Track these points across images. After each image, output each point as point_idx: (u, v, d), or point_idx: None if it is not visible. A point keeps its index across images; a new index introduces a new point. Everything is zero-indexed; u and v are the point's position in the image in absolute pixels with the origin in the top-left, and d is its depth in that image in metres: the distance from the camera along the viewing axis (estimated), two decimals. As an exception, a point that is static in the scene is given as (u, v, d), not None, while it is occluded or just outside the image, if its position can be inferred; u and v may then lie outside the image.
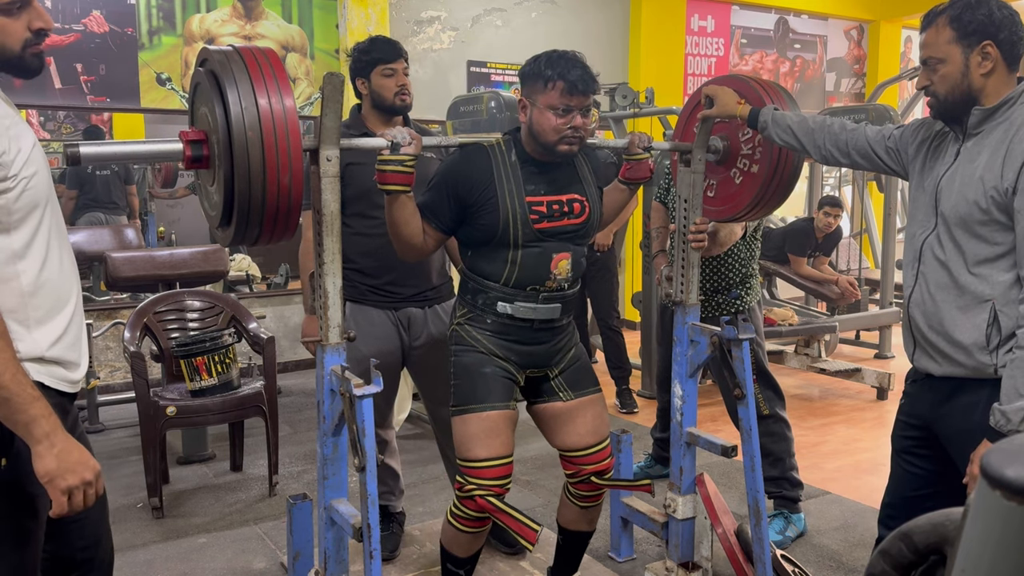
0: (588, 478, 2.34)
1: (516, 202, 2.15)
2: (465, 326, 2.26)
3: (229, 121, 1.64)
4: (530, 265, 2.18)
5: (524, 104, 2.17)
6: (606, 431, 2.38)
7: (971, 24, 1.80)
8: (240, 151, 1.63)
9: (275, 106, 1.65)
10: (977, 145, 1.83)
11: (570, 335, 2.36)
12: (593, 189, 2.31)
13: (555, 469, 3.87)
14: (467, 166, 2.17)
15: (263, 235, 1.75)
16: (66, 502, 1.46)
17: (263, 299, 5.73)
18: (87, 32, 5.14)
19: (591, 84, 2.11)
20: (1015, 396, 1.70)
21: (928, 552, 1.08)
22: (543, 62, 2.12)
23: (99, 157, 1.78)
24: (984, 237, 1.79)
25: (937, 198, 1.89)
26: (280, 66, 1.72)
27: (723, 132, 2.55)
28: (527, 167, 2.20)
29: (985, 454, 0.67)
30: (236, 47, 1.73)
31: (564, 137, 2.13)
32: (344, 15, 5.72)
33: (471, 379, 2.20)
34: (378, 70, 2.73)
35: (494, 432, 2.17)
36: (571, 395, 2.32)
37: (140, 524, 3.30)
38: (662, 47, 7.20)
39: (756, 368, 2.94)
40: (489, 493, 2.15)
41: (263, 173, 1.66)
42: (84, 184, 5.95)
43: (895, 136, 2.09)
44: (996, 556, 0.65)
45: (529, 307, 2.19)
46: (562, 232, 2.21)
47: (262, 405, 3.50)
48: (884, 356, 6.10)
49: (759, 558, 2.47)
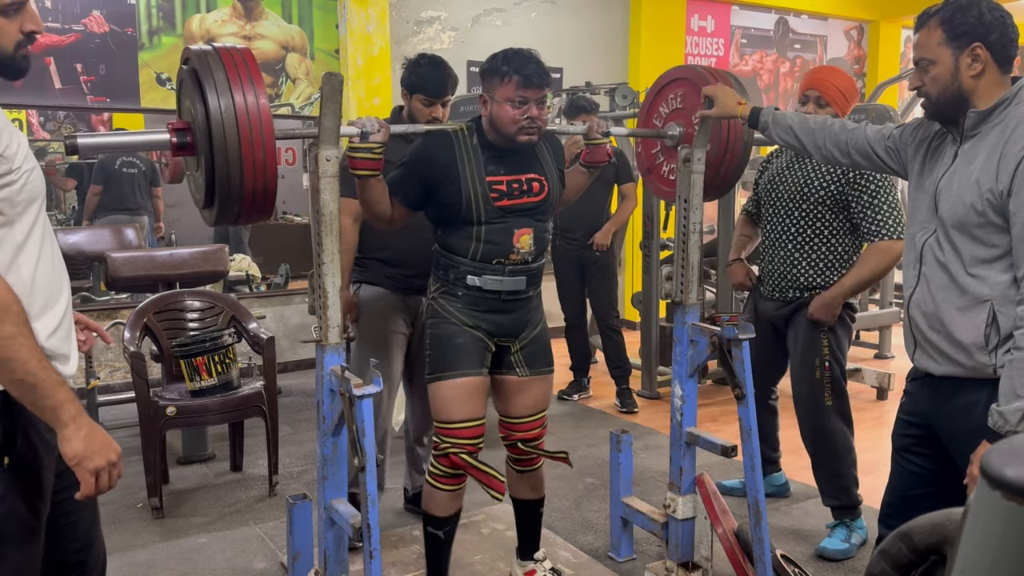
0: (516, 443, 2.54)
1: (477, 181, 2.33)
2: (439, 300, 2.44)
3: (208, 112, 1.81)
4: (494, 240, 2.35)
5: (485, 99, 2.35)
6: (544, 406, 2.57)
7: (961, 26, 1.80)
8: (218, 138, 1.81)
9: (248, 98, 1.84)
10: (974, 147, 1.84)
11: (536, 309, 2.53)
12: (552, 170, 2.48)
13: (555, 469, 3.87)
14: (432, 148, 2.36)
15: (243, 213, 1.91)
16: (94, 483, 1.51)
17: (263, 299, 5.73)
18: (87, 32, 5.14)
19: (545, 77, 2.29)
20: (1013, 397, 1.70)
21: (928, 552, 1.08)
22: (499, 59, 2.31)
23: (96, 147, 1.93)
24: (981, 239, 1.80)
25: (936, 200, 1.89)
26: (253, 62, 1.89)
27: (680, 119, 2.66)
28: (488, 151, 2.38)
29: (985, 454, 0.67)
30: (215, 46, 1.88)
31: (522, 127, 2.30)
32: (344, 15, 5.71)
33: (445, 348, 2.38)
34: (417, 96, 2.89)
35: (468, 396, 2.37)
36: (526, 371, 2.50)
37: (140, 524, 3.30)
38: (662, 47, 7.20)
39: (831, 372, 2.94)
40: (463, 451, 2.36)
41: (239, 158, 1.83)
42: (109, 181, 5.94)
43: (895, 136, 2.09)
44: (996, 556, 0.65)
45: (496, 279, 2.37)
46: (522, 209, 2.39)
47: (262, 405, 3.49)
48: (884, 356, 6.10)
49: (759, 558, 2.47)
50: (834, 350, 2.94)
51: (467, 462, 2.36)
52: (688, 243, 2.62)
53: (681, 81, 2.68)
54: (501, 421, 2.57)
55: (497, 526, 3.16)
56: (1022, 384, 1.69)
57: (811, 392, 2.97)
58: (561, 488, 3.66)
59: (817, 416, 2.98)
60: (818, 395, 2.95)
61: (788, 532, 3.19)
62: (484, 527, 3.21)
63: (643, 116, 2.84)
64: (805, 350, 2.95)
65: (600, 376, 5.29)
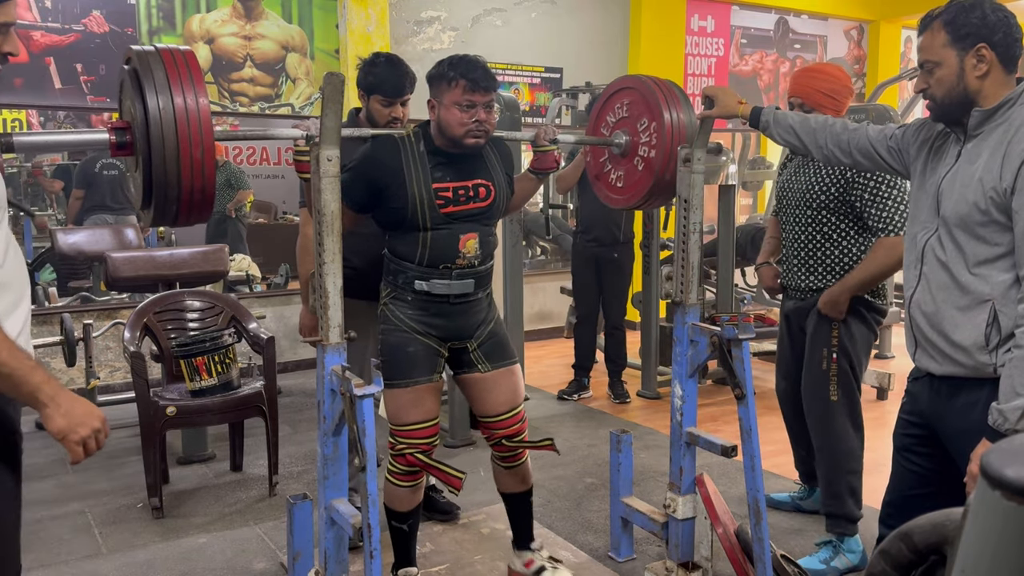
0: (500, 441, 2.58)
1: (423, 188, 2.37)
2: (389, 305, 2.49)
3: (147, 110, 1.81)
4: (439, 245, 2.39)
5: (433, 104, 2.39)
6: (518, 400, 2.59)
7: (965, 27, 1.81)
8: (156, 137, 1.81)
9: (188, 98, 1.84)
10: (977, 146, 1.84)
11: (487, 309, 2.58)
12: (500, 176, 2.53)
13: (555, 469, 3.87)
14: (378, 153, 2.40)
15: (180, 214, 1.91)
16: (82, 451, 1.60)
17: (263, 299, 5.73)
18: (87, 32, 5.14)
19: (491, 81, 2.34)
20: (1012, 395, 1.70)
21: (928, 552, 1.08)
22: (446, 64, 2.35)
23: (33, 146, 1.97)
24: (984, 238, 1.80)
25: (939, 199, 1.89)
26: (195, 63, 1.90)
27: (625, 127, 2.71)
28: (435, 157, 2.42)
29: (985, 454, 0.67)
30: (157, 47, 1.88)
31: (469, 131, 2.35)
32: (344, 15, 5.71)
33: (396, 357, 2.45)
34: (376, 97, 2.84)
35: (420, 401, 2.44)
36: (489, 367, 2.54)
37: (140, 524, 3.30)
38: (662, 47, 7.20)
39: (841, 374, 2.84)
40: (417, 450, 2.44)
41: (177, 157, 1.83)
42: (91, 184, 5.95)
43: (897, 136, 2.09)
44: (996, 556, 0.65)
45: (444, 283, 2.42)
46: (468, 215, 2.43)
47: (262, 405, 3.49)
48: (884, 356, 6.10)
49: (759, 558, 2.47)
50: (844, 343, 2.83)
51: (423, 461, 2.43)
52: (688, 243, 2.62)
53: (627, 91, 2.73)
54: (481, 422, 2.61)
55: (497, 526, 3.16)
56: (1022, 382, 1.69)
57: (816, 383, 2.88)
58: (561, 488, 3.66)
59: (820, 409, 2.88)
60: (822, 387, 2.86)
61: (788, 532, 3.19)
62: (484, 527, 3.21)
63: (591, 125, 2.86)
64: (814, 339, 2.89)
65: (600, 376, 5.29)
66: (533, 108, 6.77)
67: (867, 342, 2.91)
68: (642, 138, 2.66)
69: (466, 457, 4.02)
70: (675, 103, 2.59)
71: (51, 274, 5.64)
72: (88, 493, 3.62)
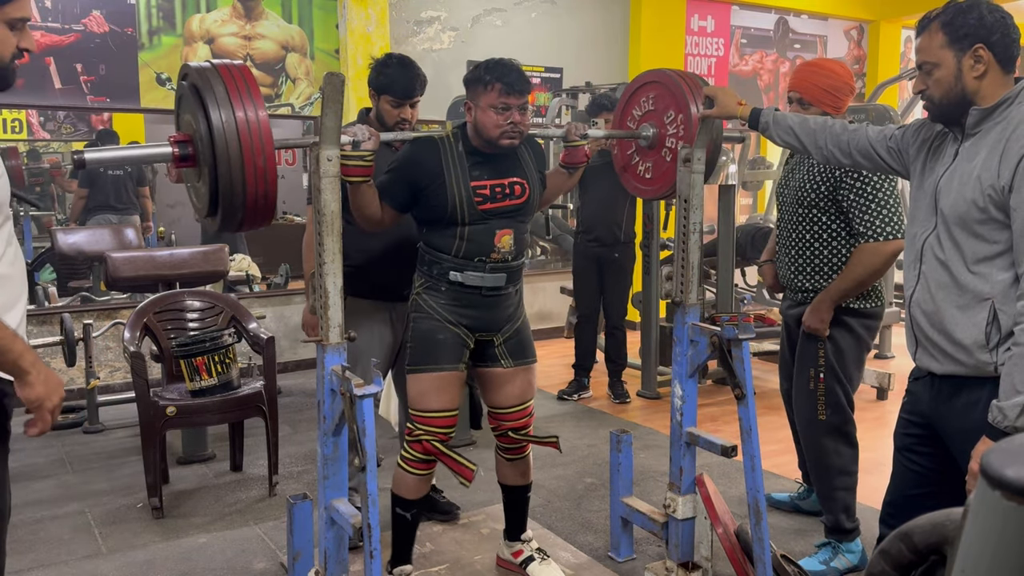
0: (506, 432, 2.68)
1: (462, 186, 2.46)
2: (423, 295, 2.56)
3: (210, 124, 1.89)
4: (476, 240, 2.48)
5: (469, 106, 2.48)
6: (530, 395, 2.70)
7: (962, 28, 1.81)
8: (221, 148, 1.88)
9: (249, 110, 1.92)
10: (975, 145, 1.84)
11: (517, 305, 2.66)
12: (534, 173, 2.62)
13: (555, 469, 3.87)
14: (419, 154, 2.48)
15: (246, 220, 1.98)
16: (50, 420, 1.68)
17: (263, 299, 5.73)
18: (87, 32, 5.14)
19: (526, 85, 2.42)
20: (1012, 392, 1.70)
21: (928, 552, 1.08)
22: (483, 68, 2.43)
23: (103, 161, 2.02)
24: (983, 236, 1.80)
25: (937, 198, 1.89)
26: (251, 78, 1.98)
27: (652, 120, 2.75)
28: (472, 156, 2.50)
29: (985, 454, 0.67)
30: (214, 63, 1.97)
31: (504, 132, 2.42)
32: (344, 15, 5.71)
33: (425, 343, 2.51)
34: (385, 98, 2.86)
35: (444, 389, 2.50)
36: (511, 363, 2.63)
37: (140, 524, 3.30)
38: (662, 47, 7.19)
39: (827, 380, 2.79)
40: (435, 439, 2.48)
41: (242, 167, 1.90)
42: (94, 184, 5.96)
43: (896, 136, 2.09)
44: (996, 556, 0.65)
45: (477, 276, 2.49)
46: (504, 211, 2.52)
47: (262, 405, 3.49)
48: (884, 356, 6.10)
49: (759, 558, 2.47)
50: (831, 361, 2.77)
51: (439, 449, 2.48)
52: (688, 243, 2.62)
53: (652, 84, 2.76)
54: (491, 412, 2.71)
55: (497, 526, 3.15)
56: (1022, 380, 1.69)
57: (804, 402, 2.85)
58: (561, 488, 3.66)
59: (810, 429, 2.85)
60: (810, 407, 2.82)
61: (788, 532, 3.19)
62: (484, 527, 3.21)
63: (617, 118, 2.91)
64: (801, 357, 2.85)
65: (600, 376, 5.29)
66: (533, 108, 6.77)
67: (857, 354, 2.83)
68: (669, 130, 2.70)
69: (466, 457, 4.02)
70: (700, 95, 2.60)
71: (51, 274, 5.64)
72: (88, 493, 3.62)
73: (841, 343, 2.78)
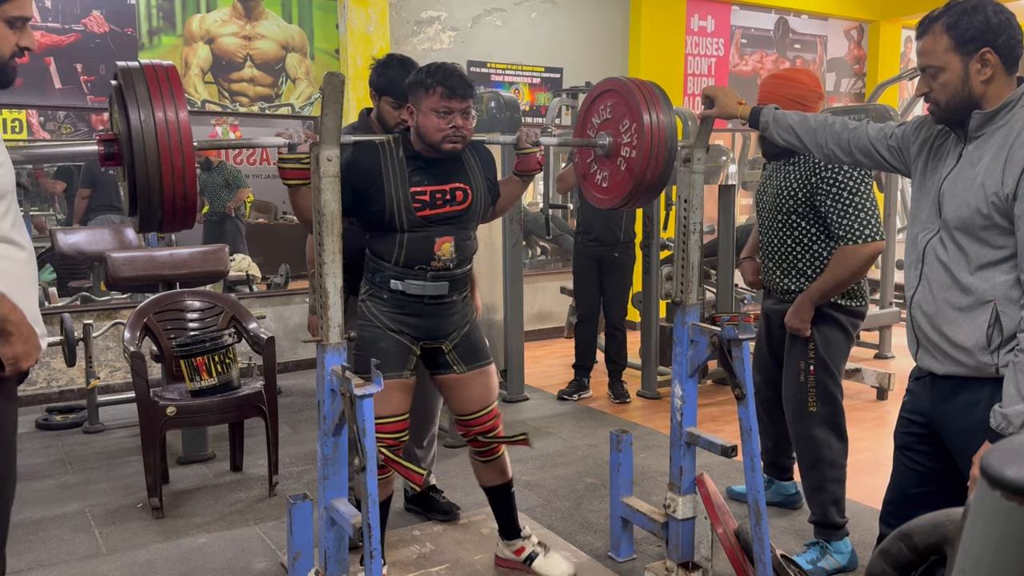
0: (475, 437, 2.70)
1: (401, 192, 2.45)
2: (367, 302, 2.57)
3: (129, 124, 1.90)
4: (415, 247, 2.47)
5: (411, 110, 2.45)
6: (492, 398, 2.70)
7: (968, 31, 1.78)
8: (139, 148, 1.90)
9: (169, 114, 1.92)
10: (979, 149, 1.82)
11: (463, 312, 2.64)
12: (479, 180, 2.60)
13: (555, 469, 3.87)
14: (359, 158, 2.47)
15: (165, 220, 2.00)
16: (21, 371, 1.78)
17: (263, 299, 5.73)
18: (87, 32, 5.14)
19: (468, 89, 2.40)
20: (1017, 399, 1.70)
21: (928, 552, 1.08)
22: (424, 72, 2.41)
23: (31, 158, 2.07)
24: (986, 241, 1.79)
25: (940, 201, 1.88)
26: (176, 78, 1.98)
27: (609, 129, 2.72)
28: (413, 161, 2.48)
29: (985, 454, 0.67)
30: (141, 62, 1.97)
31: (447, 136, 2.40)
32: (344, 15, 5.71)
33: (368, 352, 2.49)
34: (386, 99, 2.85)
35: (388, 396, 2.47)
36: (464, 368, 2.63)
37: (140, 524, 3.30)
38: (662, 47, 7.20)
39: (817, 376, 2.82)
40: (383, 444, 2.47)
41: (159, 170, 1.91)
42: (97, 184, 5.95)
43: (897, 134, 2.09)
44: (996, 556, 0.65)
45: (418, 284, 2.49)
46: (445, 218, 2.50)
47: (262, 405, 3.49)
48: (884, 356, 6.09)
49: (759, 558, 2.47)
50: (820, 354, 2.81)
51: (385, 455, 2.45)
52: (688, 243, 2.62)
53: (610, 92, 2.73)
54: (457, 420, 2.72)
55: (497, 526, 3.15)
56: None
57: (795, 396, 2.88)
58: (561, 488, 3.66)
59: (801, 422, 2.88)
60: (801, 400, 2.86)
61: (788, 532, 3.20)
62: (484, 527, 3.21)
63: (578, 126, 2.89)
64: (791, 351, 2.89)
65: (600, 376, 5.29)
66: (533, 108, 6.77)
67: (844, 348, 2.88)
68: (624, 139, 2.67)
69: (465, 457, 4.01)
70: (656, 105, 2.57)
71: (51, 274, 5.64)
72: (88, 493, 3.62)
73: (830, 337, 2.84)
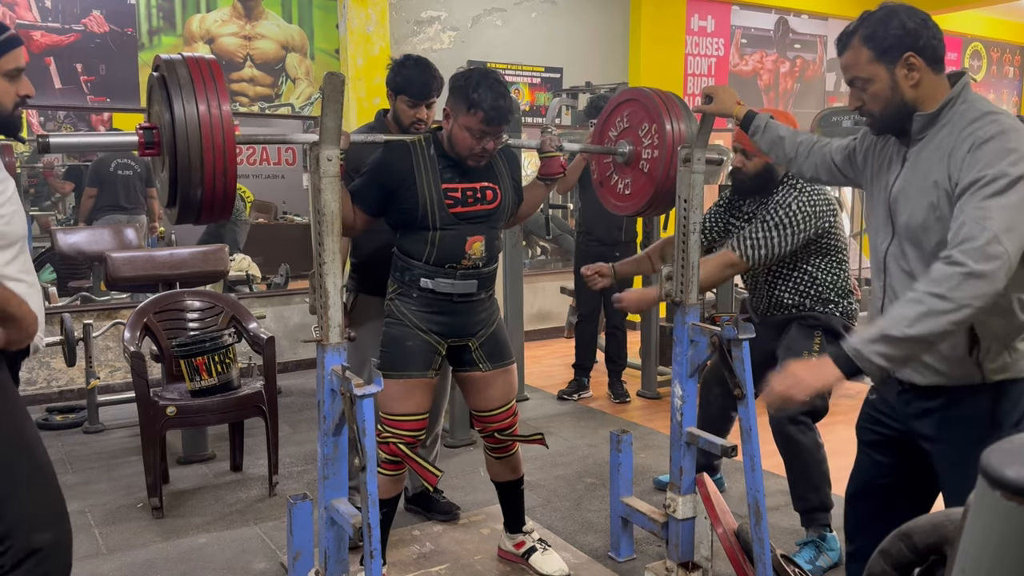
0: (492, 433, 2.73)
1: (433, 189, 2.47)
2: (395, 300, 2.58)
3: (173, 116, 1.90)
4: (447, 245, 2.49)
5: (448, 114, 2.47)
6: (512, 396, 2.74)
7: (886, 40, 1.76)
8: (182, 141, 1.90)
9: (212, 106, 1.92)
10: (923, 150, 1.80)
11: (490, 310, 2.67)
12: (507, 181, 2.63)
13: (555, 469, 3.87)
14: (391, 157, 2.49)
15: (203, 213, 2.01)
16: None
17: (263, 299, 5.73)
18: (87, 32, 5.14)
19: (507, 116, 2.41)
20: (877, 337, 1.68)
21: (928, 552, 1.08)
22: (472, 85, 2.39)
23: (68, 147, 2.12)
24: (944, 241, 1.73)
25: (892, 209, 1.85)
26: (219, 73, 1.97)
27: (628, 137, 2.77)
28: (444, 160, 2.51)
29: (985, 454, 0.67)
30: (184, 56, 1.97)
31: (474, 155, 2.46)
32: (344, 15, 5.71)
33: (395, 349, 2.55)
34: (402, 98, 2.87)
35: (410, 394, 2.54)
36: (489, 366, 2.66)
37: (140, 524, 3.30)
38: (662, 47, 7.19)
39: None
40: (401, 441, 2.52)
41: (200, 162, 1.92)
42: (103, 184, 5.95)
43: (851, 147, 2.08)
44: (996, 556, 0.65)
45: (448, 282, 2.52)
46: (476, 216, 2.53)
47: (262, 405, 3.49)
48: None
49: (759, 558, 2.47)
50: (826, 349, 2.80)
51: (404, 452, 2.52)
52: (688, 243, 2.62)
53: (628, 102, 2.79)
54: (475, 416, 2.75)
55: (497, 526, 3.15)
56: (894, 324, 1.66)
57: None
58: (561, 488, 3.66)
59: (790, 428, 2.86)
60: None
61: (788, 532, 3.19)
62: (484, 527, 3.21)
63: (597, 134, 2.92)
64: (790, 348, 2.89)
65: (600, 376, 5.29)
66: (533, 108, 6.77)
67: None
68: (644, 142, 2.71)
69: (466, 457, 4.03)
70: (675, 111, 2.65)
71: (51, 274, 5.64)
72: (88, 493, 3.62)
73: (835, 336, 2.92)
